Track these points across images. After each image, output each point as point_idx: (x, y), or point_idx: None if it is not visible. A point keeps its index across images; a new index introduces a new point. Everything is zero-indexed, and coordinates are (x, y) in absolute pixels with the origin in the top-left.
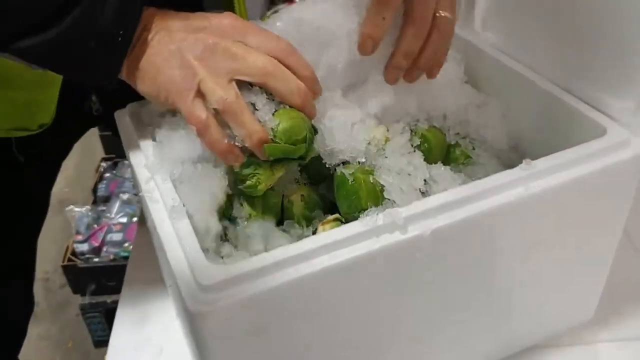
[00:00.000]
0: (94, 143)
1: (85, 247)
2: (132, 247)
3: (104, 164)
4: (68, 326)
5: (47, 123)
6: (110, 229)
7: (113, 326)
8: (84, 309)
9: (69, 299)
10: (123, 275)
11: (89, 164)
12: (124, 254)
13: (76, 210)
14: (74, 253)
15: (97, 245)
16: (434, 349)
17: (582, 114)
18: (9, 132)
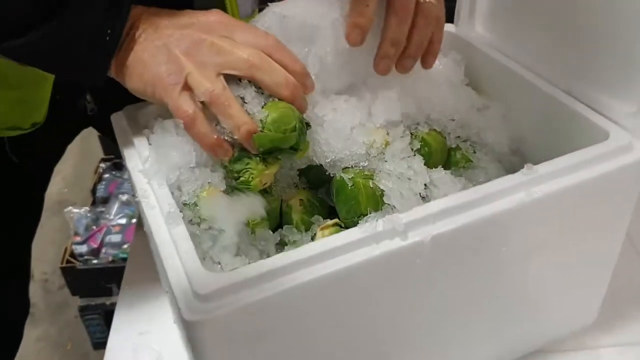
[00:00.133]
0: (93, 143)
1: (84, 249)
2: (130, 249)
3: (103, 165)
4: (67, 328)
5: (40, 122)
6: (109, 230)
7: (111, 328)
8: (83, 310)
9: (68, 301)
10: (122, 276)
11: (88, 165)
12: (123, 255)
13: (75, 212)
14: (72, 254)
15: (96, 246)
16: (435, 355)
17: (584, 118)
18: (1, 132)
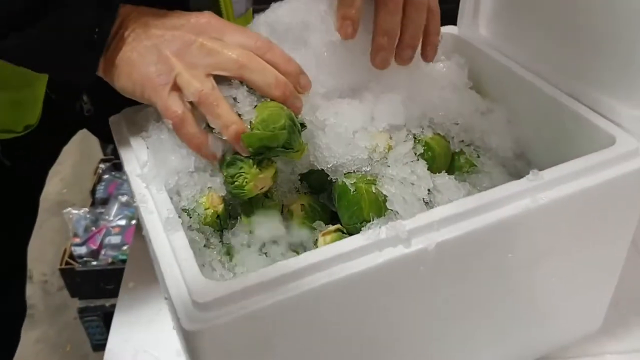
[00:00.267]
0: (92, 144)
1: (83, 250)
2: (130, 251)
3: (102, 166)
4: (66, 329)
5: (34, 125)
6: (108, 232)
7: (110, 331)
8: (82, 312)
9: (67, 302)
10: (121, 278)
11: (87, 165)
12: (123, 257)
13: (74, 213)
14: (71, 256)
15: (95, 248)
16: None
17: (590, 122)
18: None
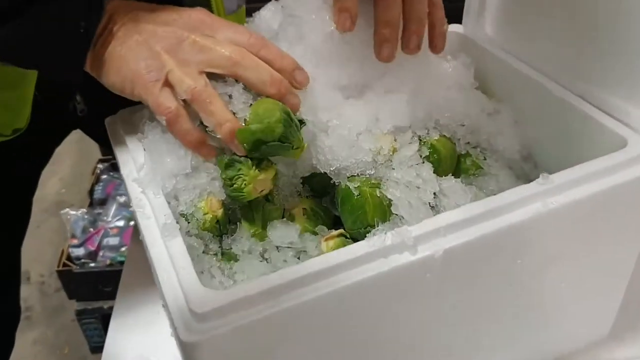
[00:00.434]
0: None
1: (81, 252)
2: (128, 252)
3: (100, 166)
4: (64, 331)
5: (23, 127)
6: (106, 233)
7: (107, 335)
8: (80, 314)
9: (65, 303)
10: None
11: (86, 165)
12: (121, 258)
13: (72, 214)
14: (69, 258)
15: (93, 249)
16: None
17: (600, 124)
18: None
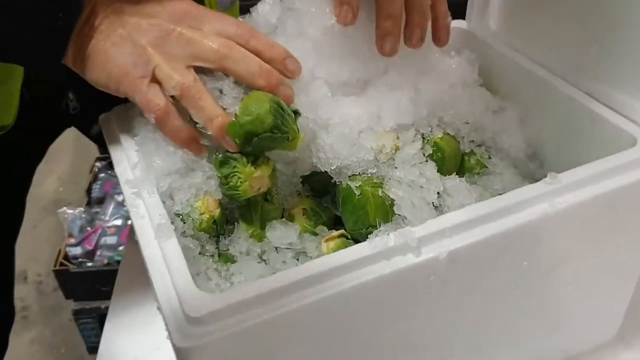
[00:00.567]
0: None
1: (78, 251)
2: (124, 252)
3: (98, 164)
4: (61, 330)
5: (9, 125)
6: (104, 232)
7: (102, 336)
8: (77, 314)
9: (62, 303)
10: None
11: (84, 163)
12: (119, 258)
13: (69, 212)
14: (66, 257)
15: (91, 248)
16: None
17: (608, 122)
18: None
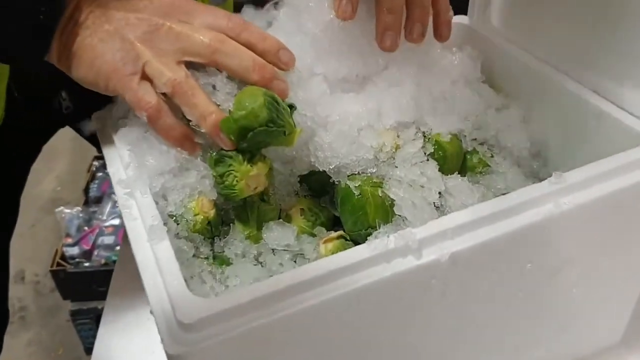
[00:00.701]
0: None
1: (75, 251)
2: (120, 252)
3: (96, 163)
4: (59, 331)
5: None
6: (101, 232)
7: (96, 339)
8: (74, 315)
9: (60, 303)
10: None
11: (83, 162)
12: (116, 258)
13: (66, 212)
14: (63, 257)
15: (88, 248)
16: None
17: (615, 119)
18: None
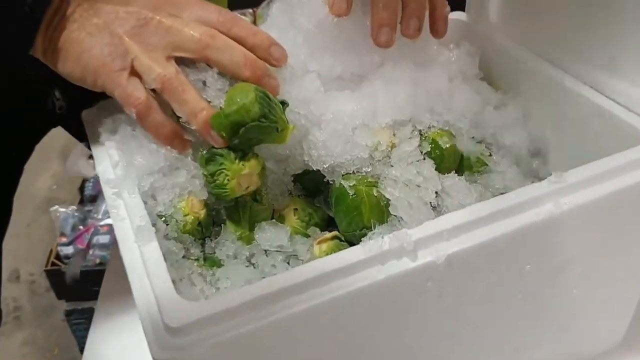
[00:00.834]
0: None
1: (70, 250)
2: (112, 252)
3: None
4: (54, 331)
5: None
6: (96, 231)
7: (87, 340)
8: (69, 314)
9: (55, 303)
10: None
11: None
12: None
13: (61, 211)
14: (58, 256)
15: (83, 248)
16: None
17: (617, 117)
18: None
